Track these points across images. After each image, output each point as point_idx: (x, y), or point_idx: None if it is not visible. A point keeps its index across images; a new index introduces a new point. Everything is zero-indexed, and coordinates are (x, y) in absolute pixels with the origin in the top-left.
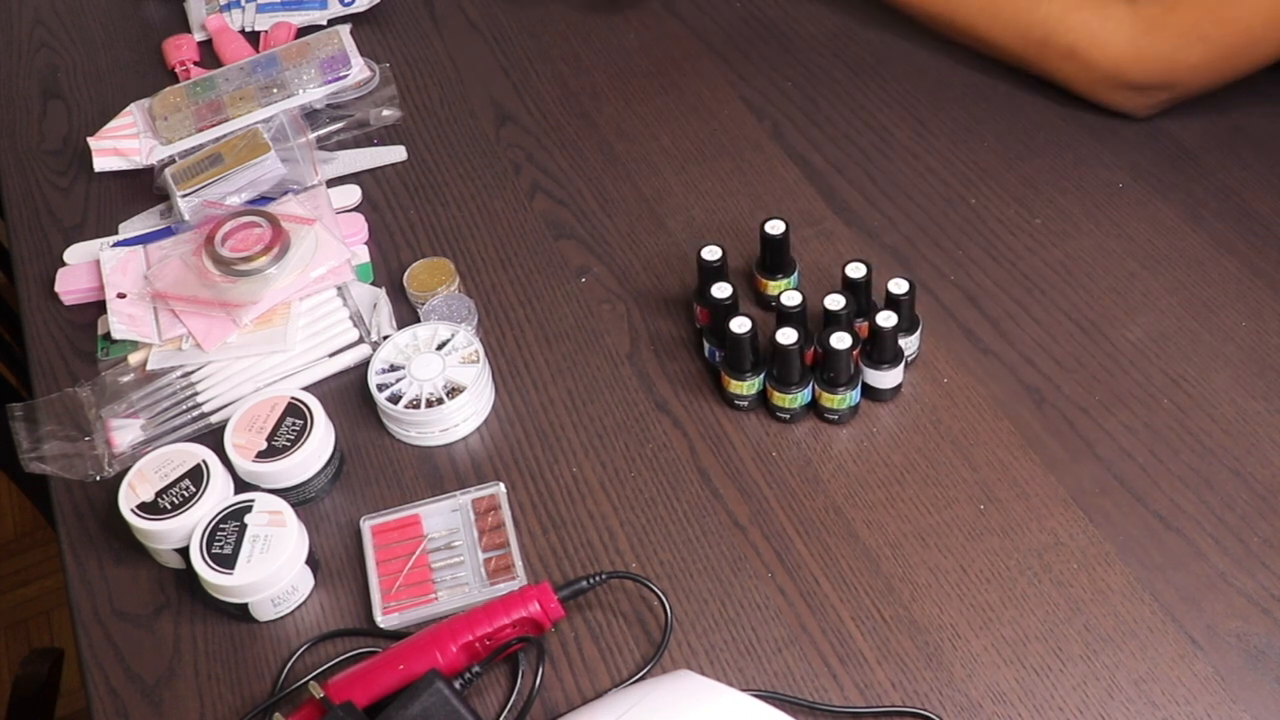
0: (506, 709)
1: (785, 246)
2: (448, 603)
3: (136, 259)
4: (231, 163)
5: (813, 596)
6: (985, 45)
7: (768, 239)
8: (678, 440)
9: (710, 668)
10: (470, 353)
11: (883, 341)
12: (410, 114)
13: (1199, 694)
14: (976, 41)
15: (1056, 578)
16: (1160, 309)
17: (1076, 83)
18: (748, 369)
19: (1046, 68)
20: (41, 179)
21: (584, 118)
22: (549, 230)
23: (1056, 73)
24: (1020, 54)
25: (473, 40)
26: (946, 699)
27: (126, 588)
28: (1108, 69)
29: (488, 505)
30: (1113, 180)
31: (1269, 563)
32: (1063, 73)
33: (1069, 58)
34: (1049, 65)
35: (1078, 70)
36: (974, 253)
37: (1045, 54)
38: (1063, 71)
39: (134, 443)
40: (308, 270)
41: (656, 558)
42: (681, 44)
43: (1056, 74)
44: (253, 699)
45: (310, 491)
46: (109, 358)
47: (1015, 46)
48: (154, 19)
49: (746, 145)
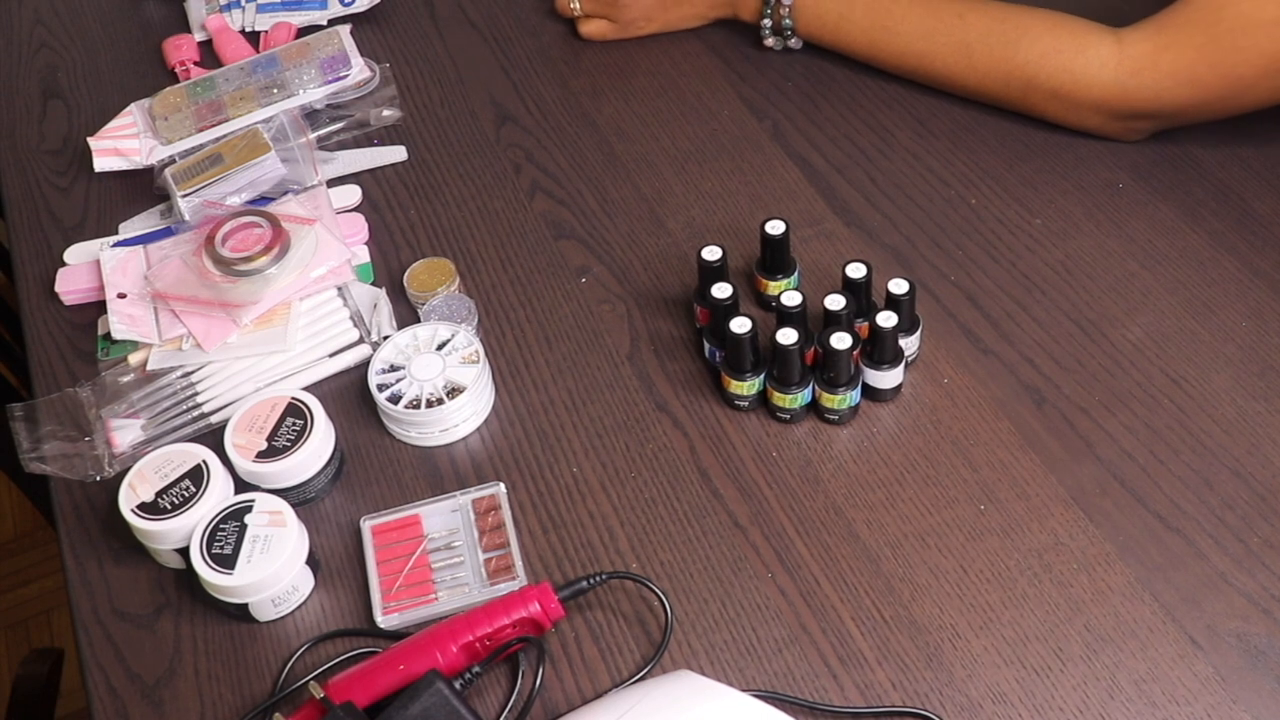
0: (506, 709)
1: (786, 247)
2: (448, 603)
3: (136, 259)
4: (232, 163)
5: (813, 596)
6: (968, 92)
7: (768, 239)
8: (678, 440)
9: (710, 668)
10: (470, 353)
11: (883, 342)
12: (410, 114)
13: (1199, 694)
14: (959, 89)
15: (1056, 578)
16: (1160, 309)
17: (1064, 120)
18: (748, 369)
19: (1032, 109)
20: (41, 179)
21: (584, 118)
22: (549, 230)
23: (1043, 113)
24: (1004, 98)
25: (473, 40)
26: (946, 699)
27: (126, 588)
28: (1094, 107)
29: (488, 505)
30: (1113, 180)
31: (1269, 563)
32: (1049, 112)
33: (1053, 99)
34: (1034, 107)
35: (1064, 110)
36: (974, 253)
37: (1029, 97)
38: (1049, 111)
39: (134, 443)
40: (308, 270)
41: (656, 558)
42: (681, 44)
43: (1043, 113)
44: (253, 699)
45: (310, 491)
46: (109, 358)
47: (998, 92)
48: (154, 19)
49: (746, 145)
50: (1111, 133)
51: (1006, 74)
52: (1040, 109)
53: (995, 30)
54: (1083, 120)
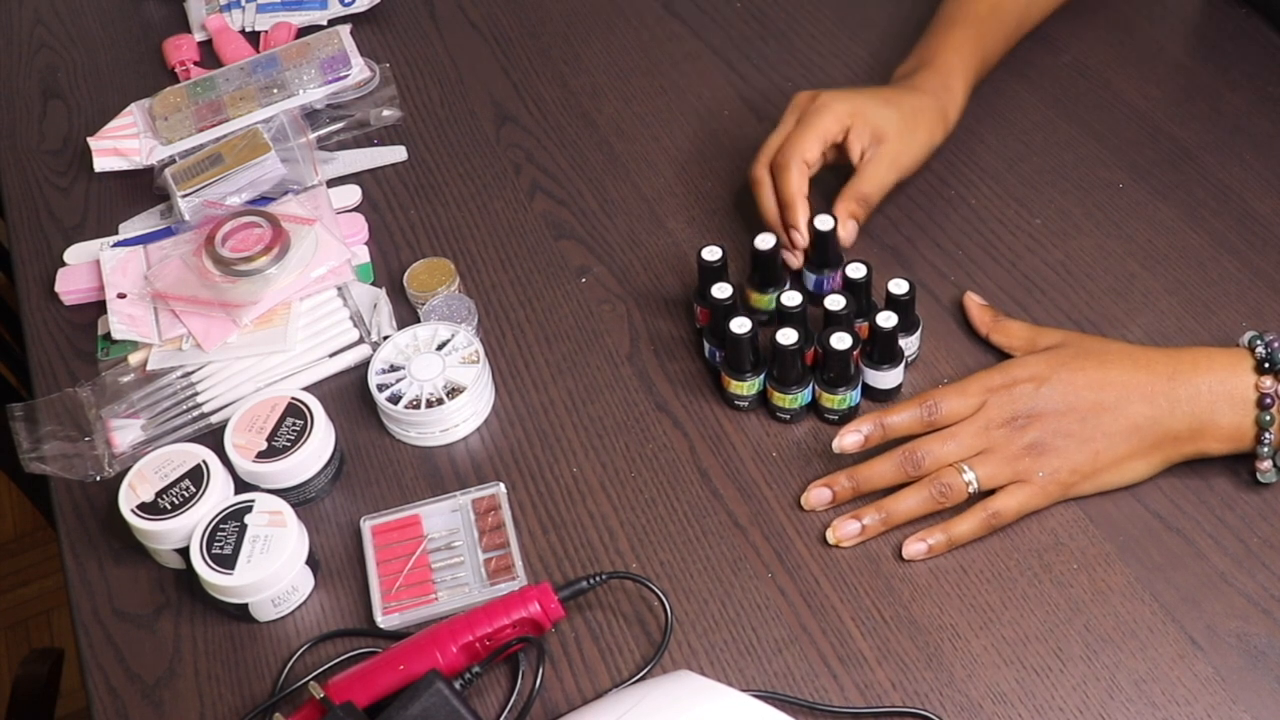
0: (506, 709)
1: (775, 262)
2: (448, 603)
3: (136, 259)
4: (232, 163)
5: (813, 596)
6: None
7: (757, 254)
8: (678, 440)
9: (710, 668)
10: (470, 353)
11: (883, 342)
12: (410, 114)
13: (1199, 694)
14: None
15: (1056, 578)
16: (1160, 309)
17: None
18: (748, 369)
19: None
20: (41, 179)
21: (584, 118)
22: (549, 230)
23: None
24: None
25: (473, 40)
26: (946, 699)
27: (126, 588)
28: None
29: (488, 505)
30: (1113, 180)
31: (1269, 563)
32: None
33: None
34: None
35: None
36: (974, 253)
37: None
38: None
39: (134, 443)
40: (308, 270)
41: (656, 558)
42: (681, 44)
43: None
44: (253, 699)
45: (310, 492)
46: (109, 358)
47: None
48: (154, 19)
49: (747, 145)
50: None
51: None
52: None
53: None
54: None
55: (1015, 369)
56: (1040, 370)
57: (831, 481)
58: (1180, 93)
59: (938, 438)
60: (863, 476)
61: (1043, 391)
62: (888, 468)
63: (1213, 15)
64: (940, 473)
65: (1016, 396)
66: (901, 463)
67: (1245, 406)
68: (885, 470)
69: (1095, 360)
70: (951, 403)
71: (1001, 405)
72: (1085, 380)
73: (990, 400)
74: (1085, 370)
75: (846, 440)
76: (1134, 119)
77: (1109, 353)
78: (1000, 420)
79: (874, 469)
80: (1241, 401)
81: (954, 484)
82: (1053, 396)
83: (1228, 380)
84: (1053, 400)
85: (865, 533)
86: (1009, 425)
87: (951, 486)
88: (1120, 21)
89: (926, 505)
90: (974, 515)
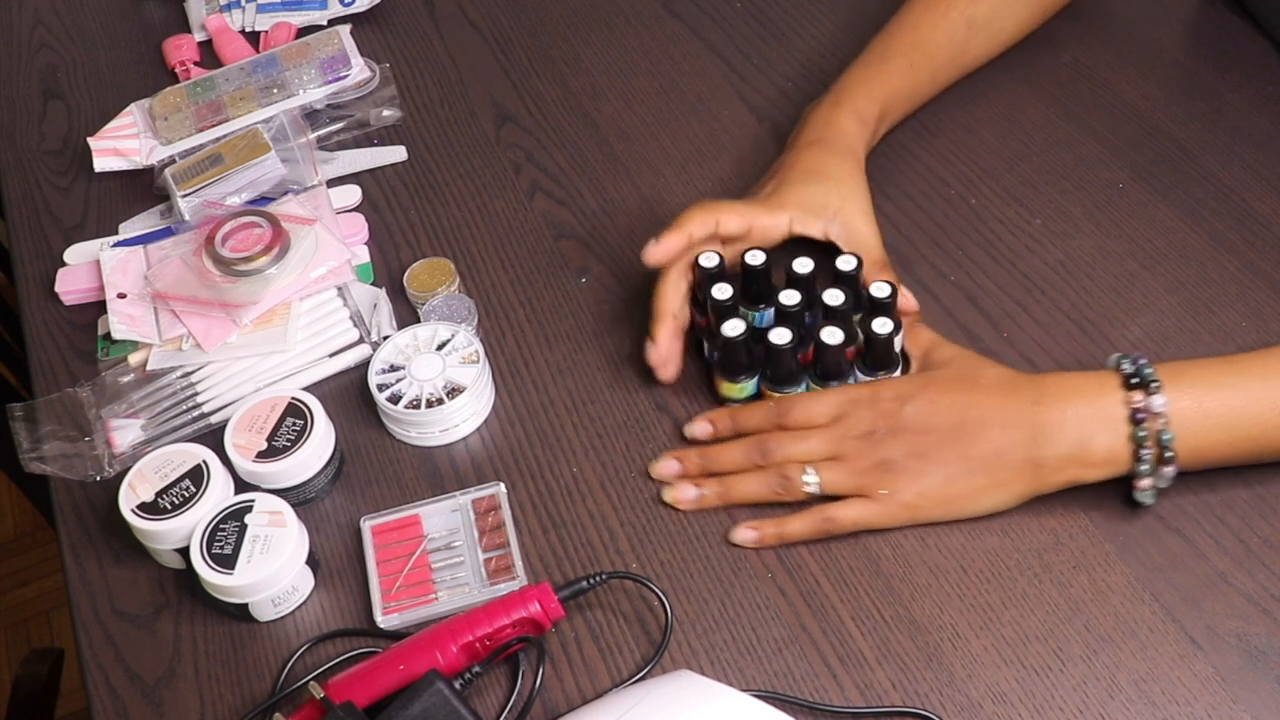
0: (506, 709)
1: (768, 277)
2: (448, 603)
3: (136, 259)
4: (232, 163)
5: (813, 596)
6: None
7: (748, 269)
8: (678, 441)
9: (710, 668)
10: (470, 353)
11: (878, 348)
12: (410, 114)
13: (1199, 694)
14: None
15: (1056, 578)
16: (1160, 309)
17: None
18: (741, 372)
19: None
20: (41, 179)
21: (584, 118)
22: (549, 230)
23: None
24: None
25: (473, 40)
26: (946, 699)
27: (126, 588)
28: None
29: (488, 505)
30: (1113, 180)
31: (1269, 563)
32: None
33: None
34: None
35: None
36: (974, 253)
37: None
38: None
39: (134, 443)
40: (308, 270)
41: (656, 558)
42: (681, 44)
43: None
44: (253, 699)
45: (310, 491)
46: (109, 358)
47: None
48: (154, 19)
49: (746, 145)
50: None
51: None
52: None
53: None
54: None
55: (884, 385)
56: (906, 389)
57: (683, 456)
58: (1180, 93)
59: (792, 435)
60: (713, 456)
61: (905, 410)
62: (738, 453)
63: (1212, 15)
64: (784, 466)
65: (878, 412)
66: (750, 450)
67: (1118, 425)
68: (735, 454)
69: (965, 384)
70: (807, 407)
71: (861, 418)
72: (949, 403)
73: (852, 411)
74: (951, 393)
75: (696, 428)
76: (1134, 119)
77: (982, 377)
78: (857, 432)
79: (725, 451)
80: (1114, 421)
81: (794, 479)
82: (914, 416)
83: (1096, 401)
84: (913, 420)
85: (701, 501)
86: (864, 438)
87: (790, 480)
88: (1120, 21)
89: (764, 494)
90: (809, 516)
